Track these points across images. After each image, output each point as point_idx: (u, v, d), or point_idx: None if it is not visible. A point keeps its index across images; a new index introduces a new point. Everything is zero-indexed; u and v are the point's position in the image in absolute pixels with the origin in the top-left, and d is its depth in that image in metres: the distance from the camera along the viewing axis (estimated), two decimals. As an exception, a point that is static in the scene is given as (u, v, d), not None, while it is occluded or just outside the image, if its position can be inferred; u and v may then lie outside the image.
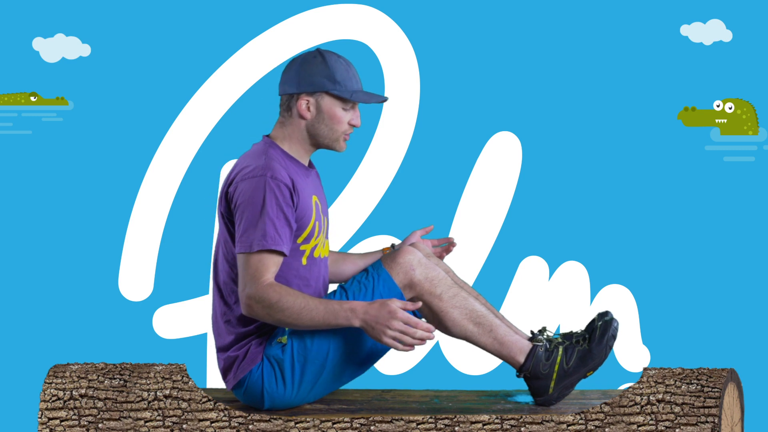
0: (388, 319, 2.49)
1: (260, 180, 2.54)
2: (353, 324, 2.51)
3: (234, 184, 2.58)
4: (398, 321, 2.49)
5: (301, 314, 2.51)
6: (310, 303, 2.52)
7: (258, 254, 2.52)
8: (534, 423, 2.50)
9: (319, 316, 2.51)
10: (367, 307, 2.51)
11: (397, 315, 2.49)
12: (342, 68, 2.64)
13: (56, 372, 2.56)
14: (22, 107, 3.91)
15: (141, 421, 2.52)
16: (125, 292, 3.85)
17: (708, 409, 2.43)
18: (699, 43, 3.89)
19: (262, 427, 2.52)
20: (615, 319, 2.64)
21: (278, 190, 2.53)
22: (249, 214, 2.52)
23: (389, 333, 2.49)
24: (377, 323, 2.50)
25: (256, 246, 2.51)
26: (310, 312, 2.51)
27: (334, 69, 2.63)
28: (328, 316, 2.51)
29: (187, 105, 3.90)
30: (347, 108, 2.65)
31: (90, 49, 3.93)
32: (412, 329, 2.50)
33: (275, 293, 2.50)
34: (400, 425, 2.51)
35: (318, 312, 2.51)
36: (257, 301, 2.50)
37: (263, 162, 2.57)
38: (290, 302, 2.51)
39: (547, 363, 2.62)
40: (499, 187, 3.89)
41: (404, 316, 2.49)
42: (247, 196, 2.53)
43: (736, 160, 3.89)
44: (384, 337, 2.49)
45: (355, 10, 3.92)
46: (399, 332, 2.49)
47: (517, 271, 3.84)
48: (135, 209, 3.86)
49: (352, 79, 2.64)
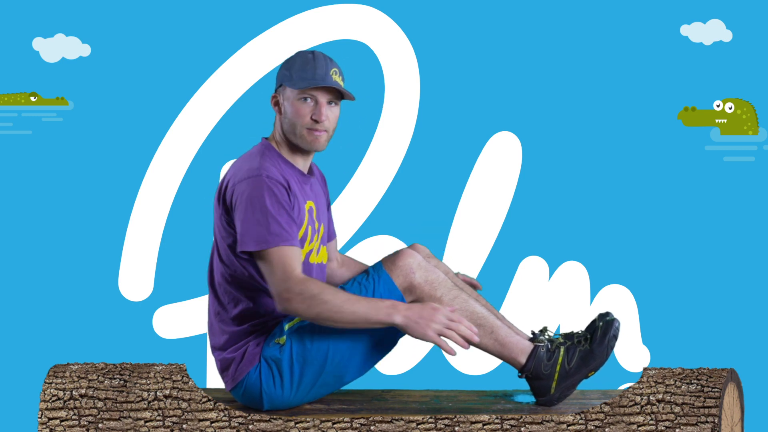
0: (432, 314, 2.48)
1: (256, 180, 2.53)
2: (394, 321, 2.48)
3: (230, 187, 2.57)
4: (442, 315, 2.48)
5: (343, 307, 2.47)
6: (351, 297, 2.49)
7: (277, 250, 2.50)
8: (534, 423, 2.50)
9: (361, 310, 2.48)
10: (409, 304, 2.50)
11: (441, 310, 2.49)
12: (301, 61, 2.62)
13: (56, 372, 2.56)
14: (22, 107, 3.91)
15: (141, 421, 2.52)
16: (125, 292, 3.85)
17: (708, 409, 2.43)
18: (699, 43, 3.90)
19: (262, 427, 2.52)
20: (616, 320, 2.64)
21: (276, 188, 2.53)
22: (252, 214, 2.51)
23: (434, 327, 2.48)
24: (421, 318, 2.48)
25: (272, 243, 2.49)
26: (353, 305, 2.48)
27: (293, 62, 2.63)
28: (370, 310, 2.48)
29: (187, 105, 3.90)
30: (305, 100, 2.61)
31: (90, 49, 3.93)
32: (455, 324, 2.49)
33: (316, 285, 2.48)
34: (400, 425, 2.51)
35: (360, 306, 2.48)
36: (297, 293, 2.47)
37: (257, 163, 2.57)
38: (331, 295, 2.48)
39: (548, 363, 2.62)
40: (499, 187, 3.90)
41: (447, 312, 2.49)
42: (246, 196, 2.53)
43: (736, 160, 3.89)
44: (429, 331, 2.47)
45: (355, 10, 3.92)
46: (444, 327, 2.48)
47: (517, 271, 3.84)
48: (135, 209, 3.87)
49: (310, 71, 2.60)
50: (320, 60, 2.63)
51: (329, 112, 2.63)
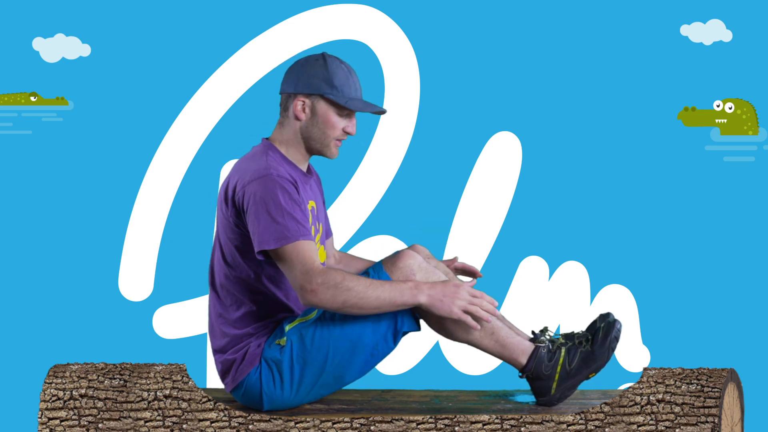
0: (455, 292, 2.50)
1: (266, 179, 2.53)
2: (419, 300, 2.50)
3: (239, 189, 2.55)
4: (465, 291, 2.51)
5: (367, 292, 2.48)
6: (374, 282, 2.50)
7: (294, 245, 2.49)
8: (534, 423, 2.50)
9: (385, 294, 2.48)
10: (431, 283, 2.52)
11: (463, 286, 2.52)
12: (342, 74, 2.63)
13: (56, 372, 2.56)
14: (22, 107, 3.91)
15: (141, 421, 2.52)
16: (125, 292, 3.85)
17: (708, 409, 2.43)
18: (699, 43, 3.90)
19: (262, 427, 2.52)
20: (618, 321, 2.63)
21: (287, 185, 2.53)
22: (267, 212, 2.50)
23: (458, 303, 2.50)
24: (445, 296, 2.50)
25: (292, 237, 2.49)
26: (376, 289, 2.48)
27: (334, 74, 2.62)
28: (394, 293, 2.49)
29: (187, 105, 3.90)
30: (342, 114, 2.63)
31: (90, 49, 3.93)
32: (478, 300, 2.52)
33: (338, 273, 2.48)
34: (400, 425, 2.51)
35: (384, 289, 2.49)
36: (321, 284, 2.46)
37: (264, 162, 2.57)
38: (354, 281, 2.48)
39: (549, 364, 2.62)
40: (499, 187, 3.90)
41: (469, 288, 2.52)
42: (259, 196, 2.51)
43: (736, 160, 3.89)
44: (454, 308, 2.50)
45: (355, 10, 3.92)
46: (468, 303, 2.50)
47: (517, 271, 3.84)
48: (135, 209, 3.87)
49: (351, 87, 2.63)
50: (354, 75, 2.65)
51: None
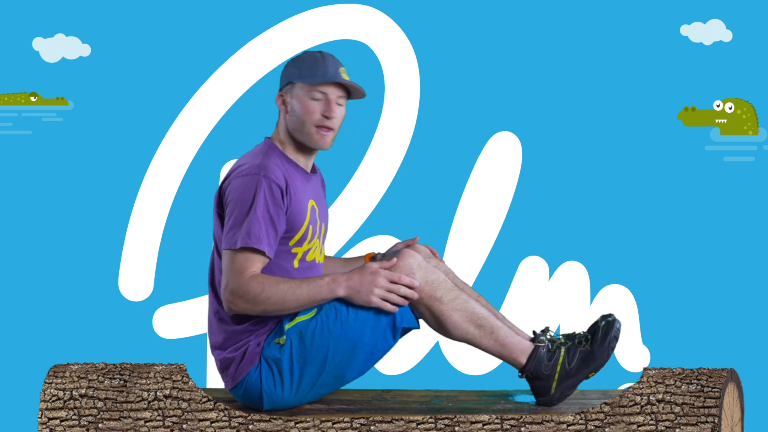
0: (372, 280, 2.53)
1: (253, 178, 2.54)
2: (338, 294, 2.54)
3: (226, 184, 2.59)
4: (383, 279, 2.53)
5: (286, 297, 2.52)
6: (292, 285, 2.53)
7: (242, 252, 2.53)
8: (534, 423, 2.50)
9: (303, 296, 2.53)
10: (348, 274, 2.55)
11: (381, 274, 2.53)
12: (311, 59, 2.64)
13: (56, 372, 2.56)
14: (22, 107, 3.91)
15: (141, 421, 2.52)
16: (125, 292, 3.85)
17: (708, 409, 2.43)
18: (699, 43, 3.89)
19: (262, 427, 2.52)
20: (618, 321, 2.64)
21: (269, 189, 2.53)
22: (238, 212, 2.53)
23: (376, 292, 2.53)
24: (362, 286, 2.53)
25: (240, 243, 2.52)
26: (295, 292, 2.52)
27: (303, 60, 2.65)
28: (312, 292, 2.53)
29: (187, 105, 3.90)
30: (316, 98, 2.63)
31: (90, 49, 3.93)
32: (396, 286, 2.54)
33: (258, 285, 2.51)
34: (400, 425, 2.51)
35: (302, 290, 2.53)
36: (239, 296, 2.51)
37: (259, 161, 2.58)
38: (274, 289, 2.51)
39: (549, 363, 2.62)
40: (499, 187, 3.89)
41: (387, 275, 2.54)
42: (238, 193, 2.54)
43: (736, 160, 3.89)
44: (372, 297, 2.53)
45: (355, 10, 3.92)
46: (385, 290, 2.53)
47: (517, 271, 3.84)
48: (135, 209, 3.87)
49: (321, 68, 2.63)
50: (329, 58, 2.66)
51: (338, 109, 2.64)
